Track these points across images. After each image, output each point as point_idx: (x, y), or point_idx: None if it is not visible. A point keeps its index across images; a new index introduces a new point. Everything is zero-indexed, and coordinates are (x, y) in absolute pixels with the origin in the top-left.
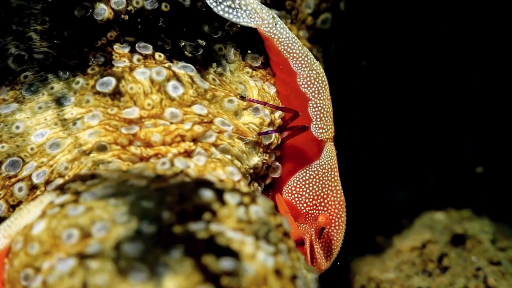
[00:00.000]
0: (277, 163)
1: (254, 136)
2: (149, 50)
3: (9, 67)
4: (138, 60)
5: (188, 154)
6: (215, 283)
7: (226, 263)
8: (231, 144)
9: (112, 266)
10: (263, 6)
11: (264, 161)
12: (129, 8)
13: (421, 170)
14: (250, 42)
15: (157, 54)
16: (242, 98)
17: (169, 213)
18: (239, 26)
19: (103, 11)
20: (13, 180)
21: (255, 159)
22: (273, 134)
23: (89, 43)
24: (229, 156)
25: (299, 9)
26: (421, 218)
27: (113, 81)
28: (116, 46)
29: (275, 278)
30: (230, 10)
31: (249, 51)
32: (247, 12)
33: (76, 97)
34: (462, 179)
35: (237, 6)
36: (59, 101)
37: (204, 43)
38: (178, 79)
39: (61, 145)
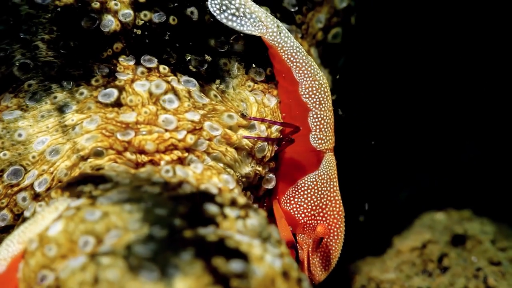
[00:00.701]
0: (271, 175)
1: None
2: (153, 63)
3: (14, 74)
4: (142, 73)
5: (181, 161)
6: (224, 285)
7: (235, 265)
8: (223, 152)
9: (123, 263)
10: (268, 14)
11: (257, 171)
12: (137, 21)
13: (421, 170)
14: (255, 56)
15: (161, 67)
16: (243, 116)
17: (180, 220)
18: (243, 40)
19: (110, 23)
20: (15, 189)
21: (247, 169)
22: (266, 147)
23: (94, 54)
24: (221, 164)
25: (310, 23)
26: (421, 218)
27: (115, 92)
28: (121, 59)
29: (283, 280)
30: (234, 18)
31: (253, 65)
32: (252, 20)
33: (78, 105)
34: (462, 179)
35: (242, 14)
36: (61, 109)
37: (210, 59)
38: (175, 93)
39: (60, 151)
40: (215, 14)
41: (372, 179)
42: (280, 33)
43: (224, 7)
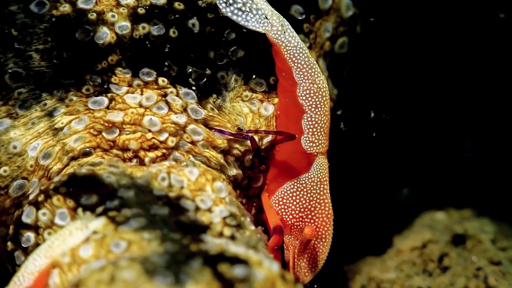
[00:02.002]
0: (258, 174)
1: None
2: (152, 77)
3: (5, 82)
4: (138, 85)
5: (165, 157)
6: None
7: (239, 270)
8: (208, 157)
9: (140, 266)
10: (274, 12)
11: (246, 174)
12: (135, 33)
13: (421, 170)
14: (256, 67)
15: (160, 79)
16: (240, 130)
17: (187, 239)
18: (243, 52)
19: (105, 35)
20: (23, 199)
21: (235, 171)
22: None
23: (88, 66)
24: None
25: (318, 33)
26: (422, 218)
27: (105, 101)
28: (117, 71)
29: (282, 282)
30: (240, 13)
31: (254, 76)
32: (257, 16)
33: (67, 108)
34: (462, 178)
35: (247, 10)
36: (51, 114)
37: (210, 73)
38: (169, 106)
39: (52, 154)
40: (221, 7)
41: (372, 179)
42: (284, 32)
43: (231, 1)
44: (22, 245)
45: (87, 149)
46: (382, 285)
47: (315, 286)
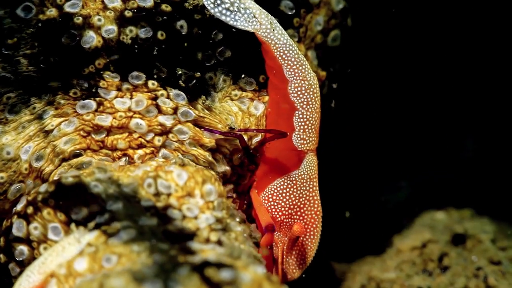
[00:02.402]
0: (247, 172)
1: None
2: (141, 80)
3: None
4: (127, 89)
5: (154, 154)
6: None
7: (225, 274)
8: (196, 156)
9: (129, 275)
10: (262, 10)
11: (236, 171)
12: (122, 36)
13: (421, 169)
14: (245, 66)
15: (150, 82)
16: (231, 129)
17: (175, 250)
18: (230, 52)
19: (91, 39)
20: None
21: (224, 167)
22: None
23: (75, 70)
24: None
25: (309, 26)
26: (422, 218)
27: (93, 104)
28: (105, 75)
29: (269, 283)
30: (228, 13)
31: (243, 76)
32: (245, 16)
33: (56, 111)
34: (462, 178)
35: (236, 9)
36: (41, 116)
37: (199, 75)
38: (158, 109)
39: (44, 156)
40: (209, 8)
41: (372, 179)
42: (274, 29)
43: (218, 1)
44: (16, 258)
45: (77, 151)
46: (382, 285)
47: (303, 275)
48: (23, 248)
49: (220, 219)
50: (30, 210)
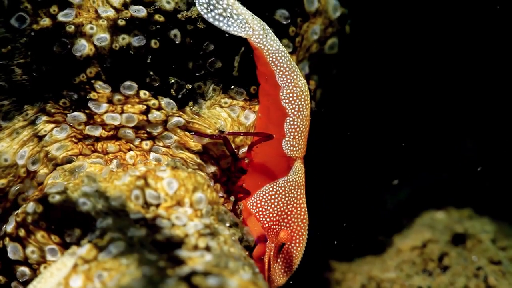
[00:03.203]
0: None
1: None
2: (133, 90)
3: None
4: (119, 100)
5: (145, 156)
6: None
7: (212, 280)
8: (185, 158)
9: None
10: (255, 16)
11: (223, 171)
12: (114, 45)
13: (421, 169)
14: (234, 78)
15: (142, 92)
16: (221, 132)
17: (164, 261)
18: (221, 63)
19: (82, 48)
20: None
21: (213, 168)
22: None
23: (66, 79)
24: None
25: (305, 35)
26: (422, 218)
27: (83, 117)
28: (97, 85)
29: None
30: (221, 18)
31: (232, 86)
32: (238, 21)
33: (49, 117)
34: (462, 178)
35: (228, 15)
36: (34, 122)
37: (190, 87)
38: (149, 122)
39: (39, 159)
40: (202, 13)
41: (373, 179)
42: (266, 35)
43: (211, 7)
44: (19, 279)
45: (69, 158)
46: (382, 285)
47: (291, 282)
48: (24, 269)
49: (208, 225)
50: (22, 233)
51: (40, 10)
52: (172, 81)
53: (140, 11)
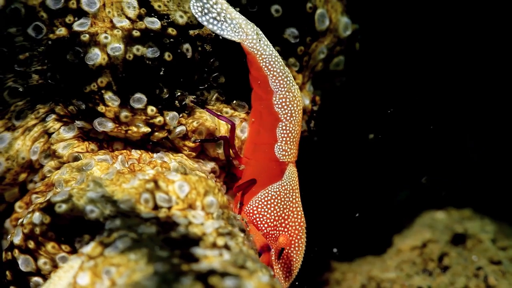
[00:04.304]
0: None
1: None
2: (141, 103)
3: (4, 99)
4: (126, 117)
5: (149, 153)
6: None
7: (229, 282)
8: (181, 162)
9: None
10: (248, 21)
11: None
12: (128, 55)
13: (421, 169)
14: (237, 93)
15: (149, 109)
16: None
17: (177, 258)
18: (224, 78)
19: (95, 56)
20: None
21: (209, 165)
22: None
23: (77, 87)
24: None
25: (312, 55)
26: (422, 218)
27: (87, 127)
28: (107, 96)
29: None
30: (215, 22)
31: (235, 101)
32: (232, 26)
33: (57, 116)
34: (462, 178)
35: (222, 19)
36: (44, 119)
37: (193, 98)
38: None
39: (50, 155)
40: (196, 16)
41: (373, 179)
42: (259, 40)
43: (206, 10)
44: None
45: (75, 154)
46: (382, 285)
47: (297, 283)
48: (37, 279)
49: (224, 226)
50: (32, 245)
51: (55, 20)
52: (178, 93)
53: (154, 23)
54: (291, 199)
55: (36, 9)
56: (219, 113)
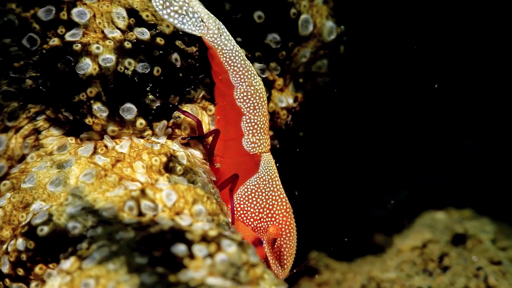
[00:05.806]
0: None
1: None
2: (131, 114)
3: None
4: (113, 131)
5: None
6: None
7: None
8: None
9: None
10: (211, 15)
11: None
12: (119, 67)
13: (421, 169)
14: None
15: (138, 122)
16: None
17: (161, 267)
18: (209, 79)
19: (86, 66)
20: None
21: (185, 160)
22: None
23: (66, 96)
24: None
25: (294, 59)
26: (422, 218)
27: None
28: (95, 107)
29: None
30: (176, 16)
31: None
32: (193, 20)
33: (47, 115)
34: (462, 178)
35: (184, 13)
36: (34, 118)
37: (178, 99)
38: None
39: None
40: (157, 9)
41: (373, 179)
42: (220, 35)
43: (167, 3)
44: None
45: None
46: (382, 285)
47: (294, 270)
48: None
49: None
50: (21, 272)
51: (48, 31)
52: (170, 104)
53: (144, 34)
54: (271, 188)
55: (28, 20)
56: (185, 110)
